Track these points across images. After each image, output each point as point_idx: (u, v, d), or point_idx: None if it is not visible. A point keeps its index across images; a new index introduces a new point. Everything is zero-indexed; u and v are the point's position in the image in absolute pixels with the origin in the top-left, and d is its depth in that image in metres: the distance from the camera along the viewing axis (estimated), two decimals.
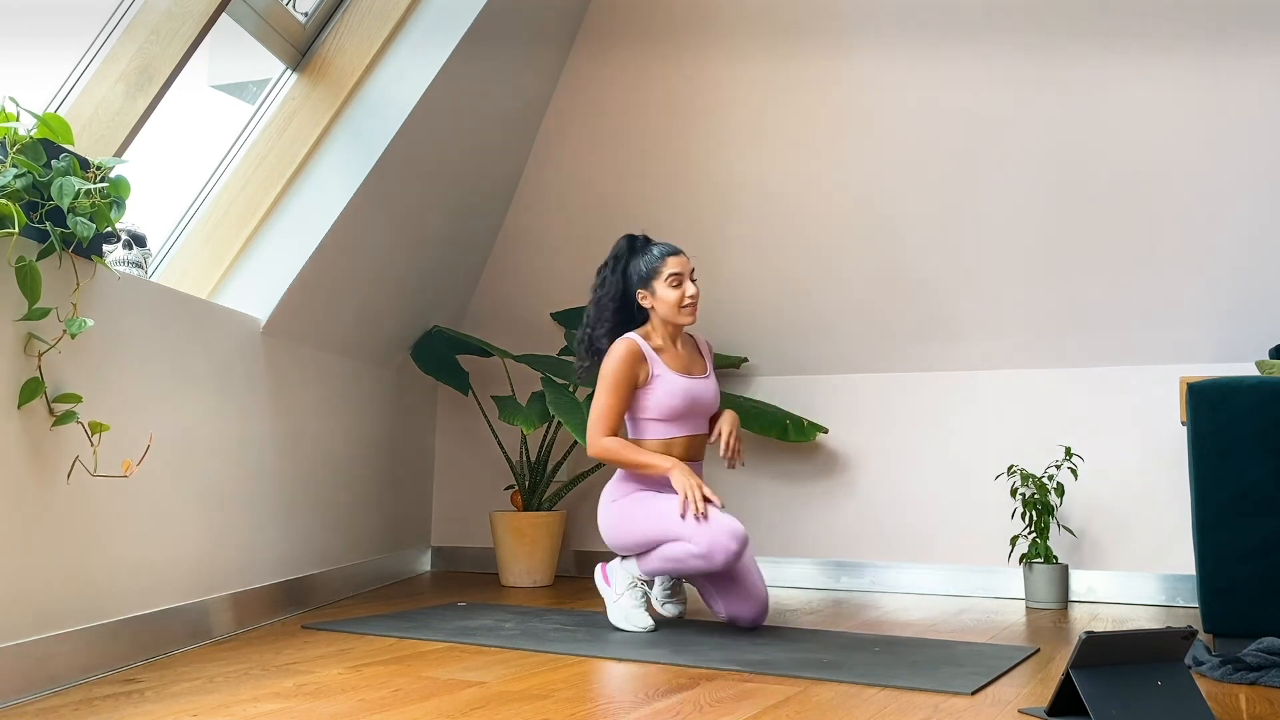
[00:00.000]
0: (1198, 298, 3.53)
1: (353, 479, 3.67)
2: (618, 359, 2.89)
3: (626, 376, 2.89)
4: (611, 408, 2.89)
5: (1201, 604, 2.48)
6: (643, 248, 3.00)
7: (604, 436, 2.90)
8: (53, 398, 2.15)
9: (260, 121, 3.19)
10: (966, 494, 3.80)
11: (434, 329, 4.13)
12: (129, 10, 2.65)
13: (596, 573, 3.05)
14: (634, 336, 2.94)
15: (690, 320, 2.97)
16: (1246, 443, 2.45)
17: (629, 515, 2.89)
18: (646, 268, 2.95)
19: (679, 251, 2.98)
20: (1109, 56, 3.41)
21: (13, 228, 1.96)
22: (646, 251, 2.97)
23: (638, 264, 2.97)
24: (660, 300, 2.94)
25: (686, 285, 2.94)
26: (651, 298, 2.95)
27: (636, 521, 2.87)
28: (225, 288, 3.09)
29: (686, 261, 2.97)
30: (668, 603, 3.15)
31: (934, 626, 3.02)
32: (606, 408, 2.89)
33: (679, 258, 2.96)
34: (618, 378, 2.89)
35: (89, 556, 2.29)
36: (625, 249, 3.01)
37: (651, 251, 2.97)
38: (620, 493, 2.95)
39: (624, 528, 2.90)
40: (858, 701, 2.03)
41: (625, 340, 2.92)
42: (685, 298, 2.94)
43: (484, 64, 3.50)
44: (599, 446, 2.91)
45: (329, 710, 1.94)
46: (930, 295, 3.82)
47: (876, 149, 3.72)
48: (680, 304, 2.94)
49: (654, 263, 2.95)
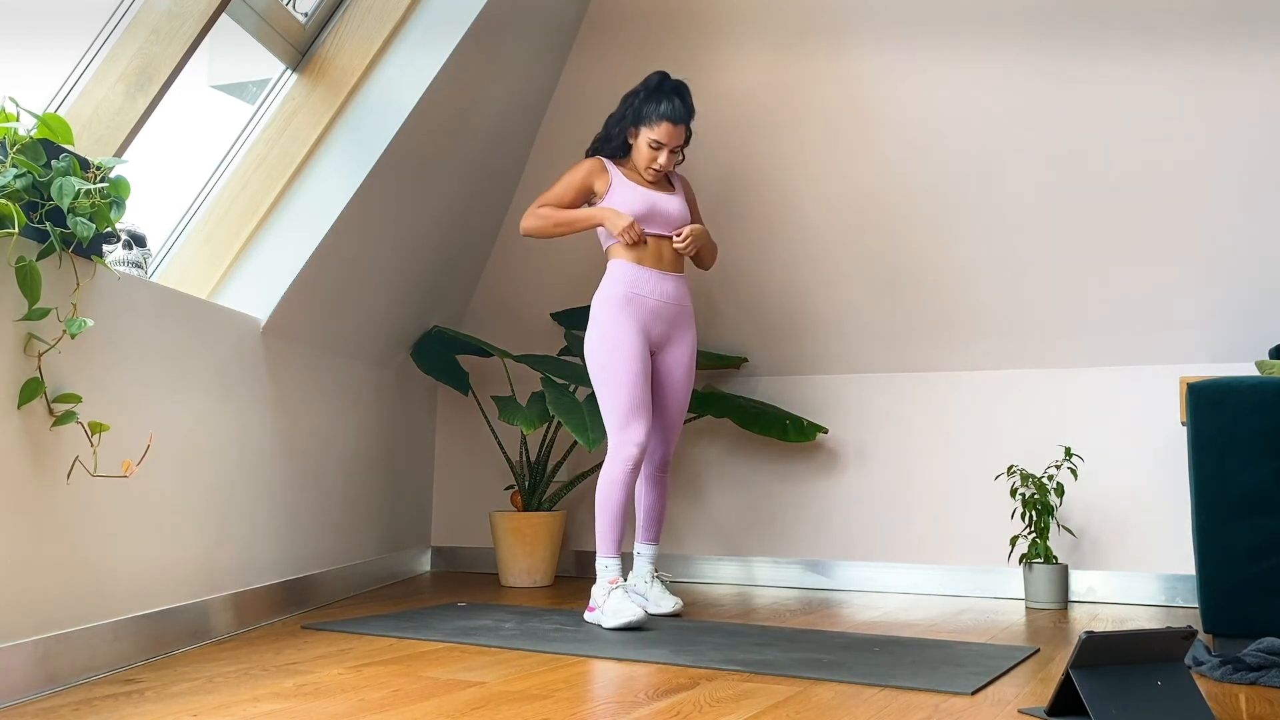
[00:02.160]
0: (1198, 298, 3.53)
1: (353, 479, 3.67)
2: (579, 164, 3.18)
3: (580, 178, 3.15)
4: (553, 193, 3.15)
5: (1201, 604, 2.48)
6: (657, 94, 3.10)
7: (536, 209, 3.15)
8: (53, 398, 2.15)
9: (260, 121, 3.19)
10: (966, 494, 3.80)
11: (434, 329, 4.13)
12: (129, 10, 2.64)
13: (586, 615, 3.03)
14: (603, 157, 3.17)
15: (652, 178, 3.14)
16: (1246, 443, 2.45)
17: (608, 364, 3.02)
18: (645, 115, 3.09)
19: (677, 121, 3.08)
20: (1110, 56, 3.40)
21: (13, 228, 1.96)
22: (656, 101, 3.09)
23: (645, 107, 3.10)
24: (637, 148, 3.14)
25: (660, 155, 3.09)
26: (634, 139, 3.13)
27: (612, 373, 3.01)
28: (225, 288, 3.09)
29: (676, 134, 3.08)
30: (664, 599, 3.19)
31: (934, 626, 3.02)
32: (549, 193, 3.15)
33: (671, 128, 3.07)
34: (571, 175, 3.16)
35: (89, 556, 2.29)
36: (649, 87, 3.12)
37: (659, 106, 3.08)
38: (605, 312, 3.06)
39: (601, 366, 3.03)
40: (858, 701, 2.04)
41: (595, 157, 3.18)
42: (653, 163, 3.10)
43: (484, 64, 3.50)
44: (528, 219, 3.14)
45: (329, 710, 1.94)
46: (930, 295, 3.82)
47: (877, 148, 3.72)
48: (647, 164, 3.12)
49: (651, 116, 3.08)
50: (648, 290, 3.09)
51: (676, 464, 4.13)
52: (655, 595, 3.20)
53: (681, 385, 3.20)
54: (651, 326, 3.09)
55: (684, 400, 3.23)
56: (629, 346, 3.02)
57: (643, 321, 3.07)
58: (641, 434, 3.00)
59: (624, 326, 3.04)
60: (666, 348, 3.16)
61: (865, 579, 3.87)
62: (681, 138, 3.11)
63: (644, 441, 3.00)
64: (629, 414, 3.00)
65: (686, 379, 3.21)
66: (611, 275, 3.11)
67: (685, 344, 3.19)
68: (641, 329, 3.06)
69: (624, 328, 3.04)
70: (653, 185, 3.17)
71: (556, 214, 3.13)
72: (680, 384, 3.19)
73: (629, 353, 3.01)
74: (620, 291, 3.07)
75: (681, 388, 3.20)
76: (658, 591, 3.21)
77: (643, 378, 3.03)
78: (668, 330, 3.14)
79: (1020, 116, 3.54)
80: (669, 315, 3.13)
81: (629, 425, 2.99)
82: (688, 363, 3.20)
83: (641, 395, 3.01)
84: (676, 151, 3.13)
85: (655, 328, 3.11)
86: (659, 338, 3.13)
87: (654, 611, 3.14)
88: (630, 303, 3.06)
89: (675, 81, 3.13)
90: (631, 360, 3.01)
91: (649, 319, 3.08)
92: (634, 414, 3.00)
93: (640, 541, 3.28)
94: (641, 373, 3.02)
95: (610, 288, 3.09)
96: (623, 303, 3.06)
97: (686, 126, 3.12)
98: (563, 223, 3.13)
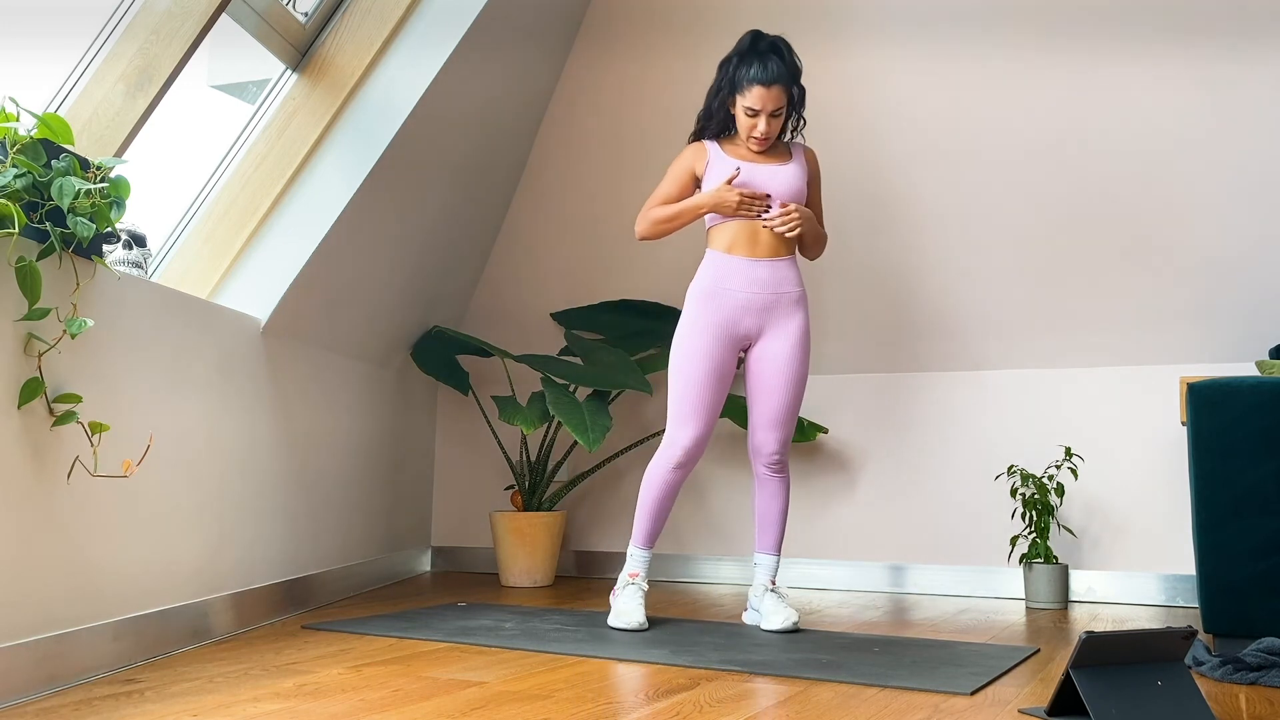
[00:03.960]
0: (1198, 298, 3.53)
1: (353, 479, 3.67)
2: (681, 153, 2.99)
3: (681, 167, 2.96)
4: (659, 191, 2.98)
5: (1201, 604, 2.48)
6: (749, 57, 2.85)
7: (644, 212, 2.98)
8: (53, 398, 2.15)
9: (260, 121, 3.19)
10: (966, 494, 3.80)
11: (434, 329, 4.13)
12: (129, 10, 2.65)
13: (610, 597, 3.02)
14: (707, 139, 2.97)
15: (757, 148, 2.91)
16: (1246, 443, 2.45)
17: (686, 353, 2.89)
18: (739, 81, 2.85)
19: (769, 83, 2.81)
20: (1112, 56, 3.41)
21: (13, 228, 1.96)
22: (748, 65, 2.84)
23: (738, 72, 2.86)
24: (737, 119, 2.91)
25: (759, 121, 2.84)
26: (733, 109, 2.91)
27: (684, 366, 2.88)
28: (225, 288, 3.09)
29: (771, 98, 2.82)
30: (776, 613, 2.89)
31: (934, 626, 3.02)
32: (656, 191, 2.99)
33: (764, 91, 2.81)
34: (673, 167, 2.98)
35: (89, 556, 2.29)
36: (741, 50, 2.89)
37: (750, 69, 2.83)
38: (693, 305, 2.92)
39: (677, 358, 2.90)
40: (858, 701, 2.03)
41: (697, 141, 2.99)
42: (754, 131, 2.86)
43: (484, 64, 3.50)
44: (639, 223, 2.99)
45: (329, 710, 1.94)
46: (930, 295, 3.82)
47: (877, 148, 3.72)
48: (748, 134, 2.89)
49: (743, 82, 2.84)
50: (735, 283, 2.87)
51: None
52: (768, 609, 2.90)
53: (780, 378, 2.89)
54: (741, 320, 2.88)
55: (787, 394, 2.91)
56: (703, 346, 2.86)
57: (728, 317, 2.87)
58: (691, 438, 2.85)
59: (700, 323, 2.87)
60: (763, 339, 2.91)
61: (865, 579, 3.87)
62: (779, 101, 2.83)
63: (692, 447, 2.86)
64: (686, 414, 2.87)
65: (788, 370, 2.90)
66: (702, 266, 2.93)
67: (785, 334, 2.90)
68: (725, 326, 2.87)
69: (700, 324, 2.88)
70: (760, 157, 2.93)
71: (659, 211, 2.95)
72: (778, 377, 2.89)
73: (702, 352, 2.86)
74: (704, 285, 2.90)
75: (781, 380, 2.89)
76: (770, 605, 2.90)
77: (711, 380, 2.86)
78: (761, 321, 2.89)
79: (1020, 116, 3.54)
80: (763, 305, 2.88)
81: (682, 425, 2.87)
82: (789, 352, 2.89)
83: (703, 398, 2.85)
84: (779, 116, 2.86)
85: (746, 320, 2.88)
86: (752, 330, 2.90)
87: (765, 627, 2.87)
88: (713, 297, 2.87)
89: (770, 39, 2.88)
90: (701, 360, 2.85)
91: (737, 314, 2.87)
92: (692, 416, 2.86)
93: (756, 550, 3.01)
94: (711, 374, 2.86)
95: (698, 280, 2.91)
96: (705, 297, 2.88)
97: (787, 88, 2.84)
98: (665, 219, 2.94)
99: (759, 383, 2.92)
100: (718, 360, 2.87)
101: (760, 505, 2.99)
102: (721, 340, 2.87)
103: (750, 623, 3.00)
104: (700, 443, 2.89)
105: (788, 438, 2.95)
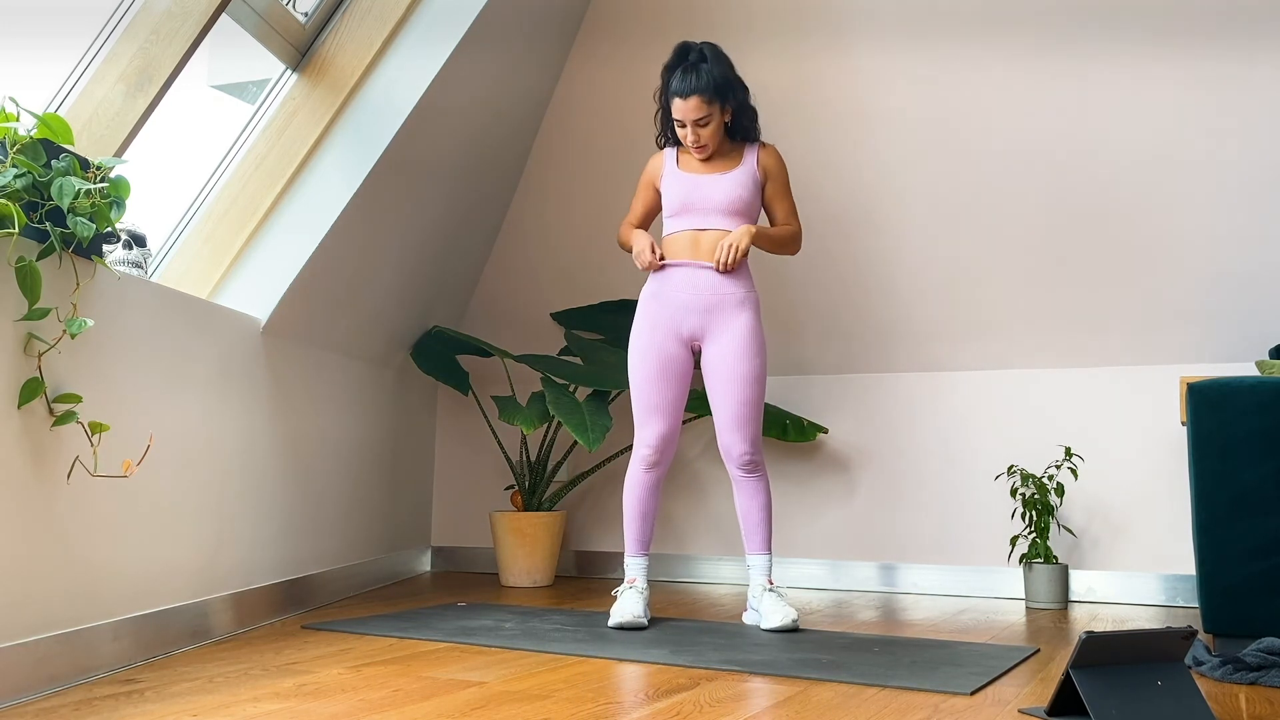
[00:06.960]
0: (1198, 298, 3.53)
1: (353, 479, 3.67)
2: (647, 164, 3.13)
3: (644, 182, 3.11)
4: (631, 208, 3.17)
5: (1201, 604, 2.48)
6: (675, 69, 2.92)
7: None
8: (53, 398, 2.15)
9: (260, 121, 3.19)
10: (966, 494, 3.80)
11: (434, 329, 4.13)
12: (129, 10, 2.65)
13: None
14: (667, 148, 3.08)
15: (699, 156, 2.99)
16: (1246, 443, 2.45)
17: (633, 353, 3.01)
18: (668, 94, 2.94)
19: (687, 95, 2.86)
20: (1113, 57, 3.41)
21: (13, 228, 1.96)
22: (674, 77, 2.91)
23: (668, 84, 2.93)
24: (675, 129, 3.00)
25: (688, 132, 2.92)
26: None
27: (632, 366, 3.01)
28: (225, 288, 3.09)
29: (690, 108, 2.87)
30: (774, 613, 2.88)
31: (934, 626, 3.02)
32: (630, 209, 3.18)
33: (681, 103, 2.88)
34: (640, 181, 3.14)
35: (89, 556, 2.29)
36: (670, 63, 2.95)
37: (675, 81, 2.90)
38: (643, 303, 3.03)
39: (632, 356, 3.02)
40: (858, 701, 2.03)
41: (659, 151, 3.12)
42: (686, 140, 2.95)
43: (484, 64, 3.50)
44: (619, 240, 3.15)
45: (329, 710, 1.94)
46: (930, 295, 3.82)
47: (877, 148, 3.72)
48: (685, 142, 2.97)
49: (670, 94, 2.93)
50: (674, 286, 2.95)
51: (676, 464, 4.14)
52: (767, 608, 2.89)
53: (732, 377, 2.91)
54: (685, 320, 2.95)
55: (741, 392, 2.91)
56: (653, 344, 2.96)
57: (671, 316, 2.95)
58: (656, 434, 2.95)
59: (646, 323, 2.98)
60: (710, 342, 2.95)
61: (865, 579, 3.87)
62: (700, 111, 2.87)
63: (659, 443, 2.95)
64: (644, 414, 2.97)
65: (738, 368, 2.91)
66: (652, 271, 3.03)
67: (730, 334, 2.92)
68: (670, 324, 2.95)
69: (646, 325, 2.98)
70: (707, 165, 2.99)
71: (621, 234, 3.12)
72: (729, 376, 2.91)
73: (652, 350, 2.95)
74: (651, 288, 3.00)
75: (733, 379, 2.91)
76: (770, 604, 2.89)
77: (665, 375, 2.95)
78: (704, 322, 2.94)
79: (1021, 116, 3.54)
80: (704, 306, 2.93)
81: (645, 424, 2.97)
82: (737, 351, 2.91)
83: (662, 394, 2.95)
84: (705, 125, 2.90)
85: (690, 320, 2.94)
86: (697, 330, 2.95)
87: (765, 627, 2.86)
88: (656, 298, 2.98)
89: (698, 48, 2.92)
90: (652, 358, 2.95)
91: (680, 314, 2.95)
92: (653, 412, 2.95)
93: (747, 552, 3.01)
94: (663, 371, 2.95)
95: (646, 285, 3.03)
96: (650, 299, 2.99)
97: (706, 98, 2.86)
98: (622, 245, 3.13)
99: (713, 385, 2.97)
100: (667, 355, 2.96)
101: (741, 507, 2.99)
102: (669, 336, 2.97)
103: (750, 623, 3.00)
104: (666, 439, 2.96)
105: (755, 436, 2.95)
